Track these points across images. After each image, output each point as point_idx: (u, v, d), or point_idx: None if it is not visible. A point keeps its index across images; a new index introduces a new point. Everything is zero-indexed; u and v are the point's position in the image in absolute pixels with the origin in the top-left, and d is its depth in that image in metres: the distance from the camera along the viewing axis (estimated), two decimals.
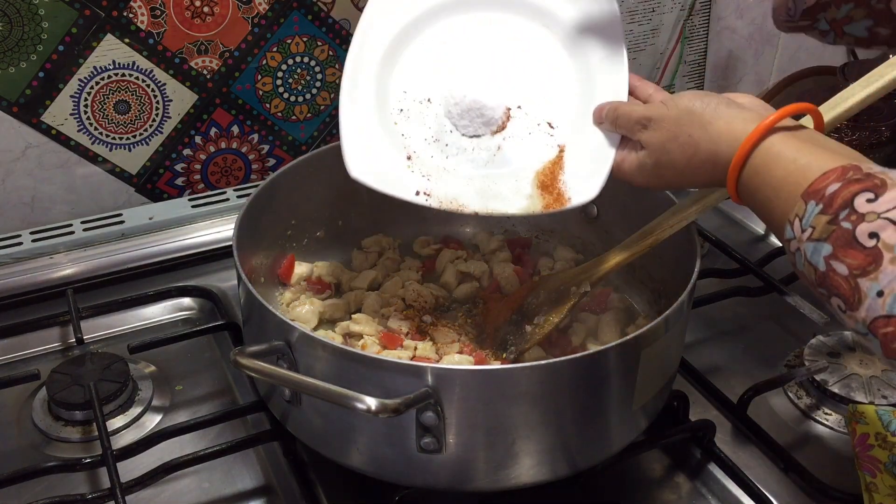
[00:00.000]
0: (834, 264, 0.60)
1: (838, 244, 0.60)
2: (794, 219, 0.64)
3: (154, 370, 1.04)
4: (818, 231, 0.61)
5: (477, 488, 0.82)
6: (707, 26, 1.57)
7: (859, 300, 0.59)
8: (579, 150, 0.88)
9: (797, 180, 0.65)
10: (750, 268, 1.16)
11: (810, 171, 0.64)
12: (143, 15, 1.17)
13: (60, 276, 1.16)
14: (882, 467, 0.81)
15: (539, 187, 0.87)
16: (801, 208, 0.63)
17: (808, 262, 0.63)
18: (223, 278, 1.17)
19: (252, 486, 0.90)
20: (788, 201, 0.65)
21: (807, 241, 0.62)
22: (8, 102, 1.15)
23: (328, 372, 0.78)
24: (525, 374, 0.76)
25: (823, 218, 0.61)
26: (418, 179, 0.88)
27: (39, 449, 0.94)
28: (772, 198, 0.67)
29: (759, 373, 1.03)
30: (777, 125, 0.69)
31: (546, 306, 0.95)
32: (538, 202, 0.87)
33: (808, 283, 0.64)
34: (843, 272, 0.60)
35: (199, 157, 1.30)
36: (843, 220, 0.60)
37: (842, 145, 0.68)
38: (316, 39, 1.29)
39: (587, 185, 0.86)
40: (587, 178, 0.86)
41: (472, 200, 0.88)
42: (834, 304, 0.62)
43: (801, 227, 0.63)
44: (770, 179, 0.68)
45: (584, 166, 0.86)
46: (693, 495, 0.91)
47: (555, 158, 0.88)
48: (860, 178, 0.61)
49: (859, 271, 0.59)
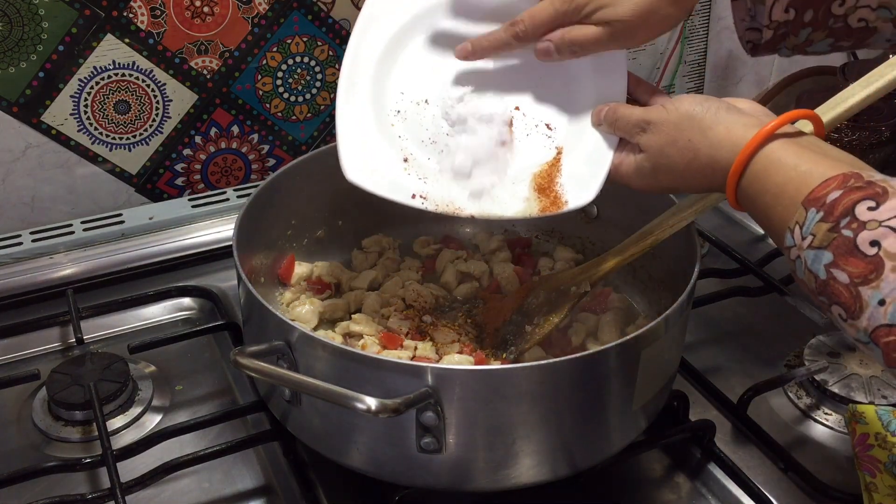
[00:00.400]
0: (835, 272, 0.60)
1: (839, 252, 0.60)
2: (795, 226, 0.63)
3: (154, 370, 1.04)
4: (819, 239, 0.61)
5: (477, 488, 0.82)
6: (707, 26, 1.57)
7: (860, 309, 0.58)
8: (577, 153, 0.87)
9: (797, 187, 0.64)
10: (750, 268, 1.16)
11: (811, 178, 0.64)
12: (143, 15, 1.17)
13: (60, 276, 1.16)
14: (882, 467, 0.81)
15: (536, 190, 0.87)
16: (801, 215, 0.63)
17: (809, 269, 0.62)
18: (223, 278, 1.17)
19: (252, 486, 0.90)
20: (789, 208, 0.64)
21: (807, 248, 0.62)
22: (8, 102, 1.15)
23: (328, 372, 0.78)
24: (525, 374, 0.76)
25: (824, 226, 0.61)
26: (414, 182, 0.88)
27: (39, 449, 0.94)
28: (772, 204, 0.67)
29: (759, 373, 1.03)
30: (777, 131, 0.69)
31: (546, 306, 0.95)
32: (535, 205, 0.86)
33: (808, 291, 0.64)
34: (844, 280, 0.59)
35: (199, 157, 1.30)
36: (844, 228, 0.60)
37: (843, 152, 0.67)
38: (316, 39, 1.29)
39: (584, 188, 0.85)
40: (584, 180, 0.85)
41: (469, 203, 0.87)
42: (835, 313, 0.61)
43: (801, 235, 0.63)
44: (770, 186, 0.67)
45: (582, 169, 0.86)
46: (693, 495, 0.91)
47: (552, 161, 0.88)
48: (861, 185, 0.60)
49: (860, 280, 0.58)
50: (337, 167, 0.86)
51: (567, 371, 0.76)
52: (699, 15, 1.54)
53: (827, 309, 0.62)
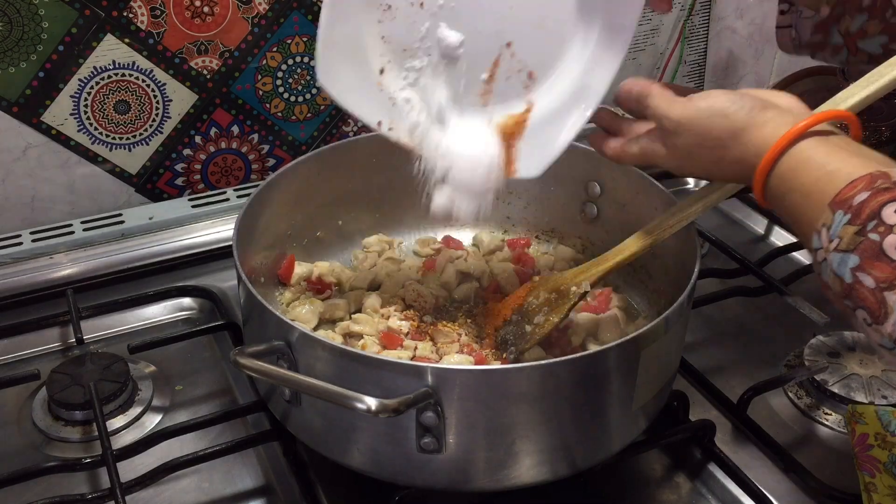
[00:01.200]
0: (860, 276, 0.59)
1: (865, 256, 0.59)
2: (822, 228, 0.62)
3: (154, 370, 1.04)
4: (845, 242, 0.60)
5: (477, 488, 0.82)
6: (707, 26, 1.57)
7: (886, 314, 0.58)
8: (543, 117, 0.84)
9: (824, 188, 0.63)
10: (750, 268, 1.16)
11: (838, 177, 0.63)
12: (143, 15, 1.17)
13: (60, 276, 1.16)
14: (881, 467, 0.81)
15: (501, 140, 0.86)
16: (828, 218, 0.62)
17: (834, 273, 0.61)
18: (223, 278, 1.17)
19: (252, 486, 0.90)
20: (816, 209, 0.63)
21: (833, 251, 0.61)
22: (8, 102, 1.15)
23: (328, 372, 0.78)
24: (525, 374, 0.76)
25: (851, 229, 0.60)
26: (384, 103, 0.83)
27: (39, 449, 0.94)
28: (799, 204, 0.66)
29: (759, 373, 1.03)
30: (810, 129, 0.67)
31: (546, 306, 0.95)
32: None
33: (832, 295, 0.63)
34: (869, 285, 0.59)
35: (199, 157, 1.30)
36: (871, 232, 0.59)
37: (874, 151, 0.66)
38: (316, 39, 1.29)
39: (537, 159, 0.83)
40: (539, 149, 0.83)
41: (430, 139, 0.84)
42: (859, 317, 0.60)
43: (828, 237, 0.62)
44: (797, 185, 0.66)
45: (541, 136, 0.83)
46: (693, 495, 0.91)
47: (518, 116, 0.85)
48: (889, 186, 0.59)
49: (886, 284, 0.57)
50: (337, 167, 0.86)
51: (567, 371, 0.76)
52: (699, 15, 1.54)
53: (851, 313, 0.61)
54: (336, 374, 0.77)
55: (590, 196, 1.09)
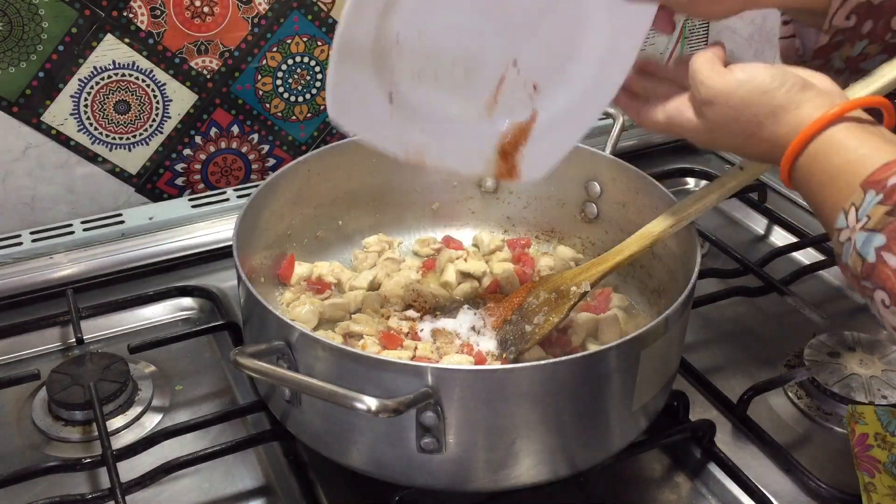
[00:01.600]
0: (885, 255, 0.59)
1: (892, 236, 0.59)
2: (850, 207, 0.62)
3: (154, 370, 1.04)
4: (874, 221, 0.60)
5: (477, 488, 0.82)
6: (707, 26, 1.57)
7: None
8: (549, 122, 0.84)
9: (856, 169, 0.63)
10: (750, 268, 1.16)
11: (871, 160, 0.63)
12: (143, 15, 1.17)
13: (60, 276, 1.16)
14: (881, 467, 0.81)
15: (499, 152, 0.85)
16: (858, 197, 0.62)
17: (857, 252, 0.61)
18: (223, 278, 1.17)
19: (252, 486, 0.90)
20: (844, 190, 0.63)
21: (860, 230, 0.61)
22: (8, 102, 1.15)
23: (328, 372, 0.78)
24: (525, 374, 0.76)
25: (882, 209, 0.60)
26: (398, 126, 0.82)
27: (39, 449, 0.94)
28: (827, 184, 0.65)
29: (759, 373, 1.03)
30: (845, 115, 0.67)
31: (546, 306, 0.95)
32: (492, 168, 0.85)
33: (850, 276, 0.63)
34: (893, 265, 0.59)
35: (199, 157, 1.30)
36: None
37: None
38: (316, 39, 1.29)
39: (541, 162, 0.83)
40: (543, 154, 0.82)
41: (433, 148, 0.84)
42: (877, 299, 0.60)
43: (856, 217, 0.62)
44: (827, 167, 0.66)
45: (547, 141, 0.83)
46: (693, 495, 0.91)
47: (524, 124, 0.85)
48: None
49: None
50: (337, 166, 0.86)
51: (567, 371, 0.76)
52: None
53: (870, 295, 0.61)
54: (336, 374, 0.77)
55: (590, 196, 1.09)
